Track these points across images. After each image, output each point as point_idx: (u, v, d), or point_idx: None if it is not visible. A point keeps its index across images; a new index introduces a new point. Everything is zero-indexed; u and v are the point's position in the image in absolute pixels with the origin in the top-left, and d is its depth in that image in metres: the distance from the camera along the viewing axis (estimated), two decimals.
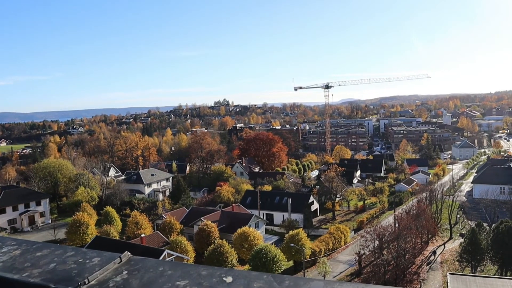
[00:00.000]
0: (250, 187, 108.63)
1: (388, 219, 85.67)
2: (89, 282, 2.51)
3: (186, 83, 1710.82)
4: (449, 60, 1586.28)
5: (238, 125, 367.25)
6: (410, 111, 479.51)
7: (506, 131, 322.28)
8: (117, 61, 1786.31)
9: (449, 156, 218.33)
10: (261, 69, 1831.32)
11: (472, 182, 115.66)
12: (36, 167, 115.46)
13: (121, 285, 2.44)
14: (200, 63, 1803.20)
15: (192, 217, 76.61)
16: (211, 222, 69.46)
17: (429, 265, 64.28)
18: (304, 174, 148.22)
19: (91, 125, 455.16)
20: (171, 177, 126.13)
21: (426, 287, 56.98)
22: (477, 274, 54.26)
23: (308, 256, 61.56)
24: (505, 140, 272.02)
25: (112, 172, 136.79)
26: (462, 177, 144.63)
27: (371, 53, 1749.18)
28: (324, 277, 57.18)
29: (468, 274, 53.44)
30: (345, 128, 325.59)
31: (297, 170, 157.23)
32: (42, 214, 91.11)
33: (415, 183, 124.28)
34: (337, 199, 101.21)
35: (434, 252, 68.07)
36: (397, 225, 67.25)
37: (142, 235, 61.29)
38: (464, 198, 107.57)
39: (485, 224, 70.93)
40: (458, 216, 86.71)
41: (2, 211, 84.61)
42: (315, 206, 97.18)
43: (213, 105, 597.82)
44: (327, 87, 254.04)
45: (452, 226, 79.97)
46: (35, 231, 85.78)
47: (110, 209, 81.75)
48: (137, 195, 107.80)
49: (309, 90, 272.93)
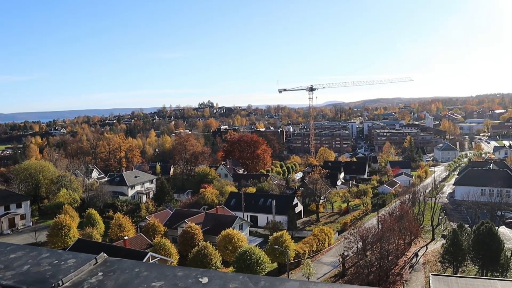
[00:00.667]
0: (234, 189, 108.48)
1: (371, 221, 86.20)
2: (63, 284, 2.44)
3: (171, 85, 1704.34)
4: (431, 64, 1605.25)
5: (223, 127, 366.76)
6: (393, 113, 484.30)
7: (486, 134, 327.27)
8: (100, 62, 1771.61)
9: (431, 159, 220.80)
10: (245, 71, 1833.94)
11: (454, 184, 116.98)
12: (16, 168, 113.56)
13: (96, 286, 2.39)
14: (185, 64, 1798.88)
15: (176, 219, 76.15)
16: (195, 224, 69.14)
17: (412, 267, 64.77)
18: (288, 176, 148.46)
19: (73, 126, 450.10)
20: (154, 179, 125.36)
21: None
22: (458, 275, 54.86)
23: (292, 258, 61.63)
24: (486, 143, 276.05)
25: (95, 174, 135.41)
26: (444, 179, 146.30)
27: (355, 56, 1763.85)
28: (308, 278, 57.28)
29: (450, 274, 54.00)
30: (329, 130, 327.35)
31: (281, 172, 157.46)
32: (22, 217, 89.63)
33: (398, 185, 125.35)
34: (321, 201, 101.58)
35: (416, 254, 68.59)
36: (380, 226, 67.77)
37: (125, 238, 60.85)
38: (446, 199, 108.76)
39: (466, 226, 71.83)
40: (440, 217, 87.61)
41: None
42: (299, 208, 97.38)
43: (197, 106, 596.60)
44: (312, 89, 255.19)
45: (434, 227, 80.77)
46: (15, 234, 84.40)
47: (92, 211, 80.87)
48: (120, 197, 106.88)
49: (294, 92, 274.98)
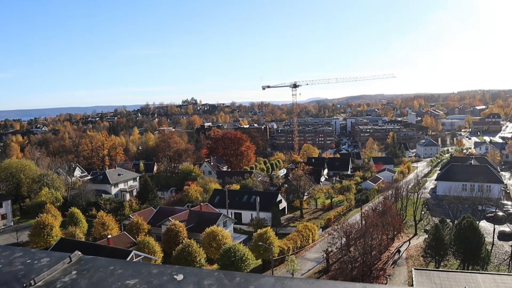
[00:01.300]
0: (218, 186, 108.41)
1: (355, 217, 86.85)
2: (35, 283, 2.38)
3: (154, 82, 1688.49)
4: (414, 61, 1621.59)
5: (206, 124, 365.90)
6: (376, 110, 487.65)
7: (468, 130, 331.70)
8: (82, 59, 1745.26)
9: (414, 154, 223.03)
10: (229, 68, 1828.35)
11: (436, 180, 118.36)
12: None
13: (69, 285, 2.33)
14: (168, 61, 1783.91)
15: (160, 217, 75.92)
16: (179, 221, 69.01)
17: (394, 263, 65.38)
18: (272, 173, 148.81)
19: (55, 124, 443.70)
20: (138, 177, 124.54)
21: (392, 282, 58.03)
22: (440, 269, 55.68)
23: (276, 255, 61.81)
24: (467, 139, 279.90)
25: (77, 172, 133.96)
26: (427, 175, 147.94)
27: (338, 53, 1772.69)
28: (293, 275, 57.51)
29: (432, 269, 54.75)
30: (312, 127, 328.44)
31: (265, 168, 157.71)
32: (3, 216, 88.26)
33: (381, 181, 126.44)
34: (305, 197, 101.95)
35: (399, 251, 69.17)
36: (363, 222, 68.30)
37: (109, 236, 60.46)
38: (428, 195, 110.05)
39: (448, 220, 72.85)
40: (423, 212, 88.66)
41: None
42: (283, 204, 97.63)
43: (181, 104, 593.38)
44: (295, 86, 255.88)
45: (417, 222, 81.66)
46: None
47: (75, 210, 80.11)
48: (103, 195, 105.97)
49: (277, 89, 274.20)
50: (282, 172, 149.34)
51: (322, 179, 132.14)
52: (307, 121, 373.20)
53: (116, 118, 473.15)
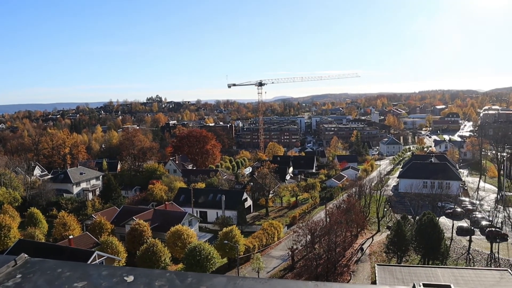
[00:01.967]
0: (183, 185, 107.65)
1: (319, 214, 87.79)
2: None
3: (118, 79, 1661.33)
4: (377, 61, 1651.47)
5: (171, 122, 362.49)
6: (340, 109, 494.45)
7: (428, 129, 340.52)
8: (42, 54, 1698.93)
9: (377, 152, 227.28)
10: (194, 66, 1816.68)
11: (398, 177, 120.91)
12: None
13: None
14: (132, 58, 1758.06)
15: (124, 216, 74.81)
16: (144, 221, 68.12)
17: (357, 261, 66.42)
18: (238, 171, 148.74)
19: (13, 121, 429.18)
20: (101, 176, 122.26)
21: (356, 278, 58.95)
22: (402, 264, 56.96)
23: (242, 253, 61.82)
24: (428, 137, 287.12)
25: (37, 171, 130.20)
26: (389, 172, 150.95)
27: (303, 53, 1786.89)
28: (258, 273, 57.65)
29: (394, 264, 55.98)
30: (278, 125, 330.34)
31: (231, 167, 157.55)
32: None
33: (345, 178, 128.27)
34: (270, 195, 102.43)
35: (362, 248, 70.26)
36: (328, 219, 69.13)
37: (70, 237, 59.15)
38: (390, 192, 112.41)
39: (409, 217, 74.57)
40: (385, 209, 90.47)
41: None
42: (249, 202, 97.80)
43: (145, 101, 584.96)
44: (260, 84, 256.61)
45: (380, 219, 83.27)
46: None
47: (35, 210, 77.93)
48: (64, 195, 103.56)
49: (243, 87, 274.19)
50: (248, 170, 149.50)
51: (287, 177, 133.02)
52: (272, 120, 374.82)
53: (78, 115, 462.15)
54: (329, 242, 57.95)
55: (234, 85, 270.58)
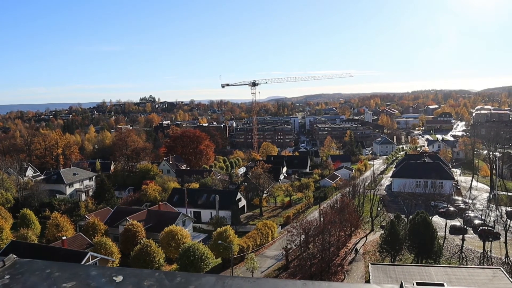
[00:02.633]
0: (177, 185, 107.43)
1: (313, 214, 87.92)
2: None
3: (111, 79, 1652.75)
4: (371, 61, 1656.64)
5: (165, 122, 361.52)
6: (334, 108, 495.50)
7: (421, 128, 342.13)
8: (35, 54, 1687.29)
9: (370, 152, 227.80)
10: (188, 66, 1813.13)
11: (391, 177, 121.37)
12: None
13: None
14: (125, 58, 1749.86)
15: (117, 217, 74.47)
16: (137, 221, 67.91)
17: (352, 262, 66.54)
18: (232, 171, 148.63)
19: (5, 122, 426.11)
20: (94, 176, 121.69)
21: (350, 277, 59.12)
22: (396, 263, 57.16)
23: (236, 253, 61.80)
24: (421, 137, 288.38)
25: (29, 172, 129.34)
26: (382, 172, 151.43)
27: (297, 53, 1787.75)
28: (252, 273, 57.65)
29: (388, 263, 56.21)
30: (271, 125, 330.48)
31: (225, 167, 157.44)
32: None
33: (339, 178, 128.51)
34: (264, 195, 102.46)
35: (356, 250, 70.26)
36: (322, 219, 69.22)
37: (64, 238, 58.86)
38: (384, 191, 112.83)
39: (403, 216, 74.82)
40: (379, 209, 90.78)
41: None
42: (243, 202, 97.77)
43: (138, 101, 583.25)
44: (254, 84, 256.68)
45: (373, 218, 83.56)
46: None
47: (27, 211, 77.34)
48: (57, 195, 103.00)
49: (236, 87, 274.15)
50: (242, 170, 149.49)
51: (281, 177, 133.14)
52: (266, 120, 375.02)
53: (71, 115, 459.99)
54: (323, 242, 58.06)
55: (228, 85, 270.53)
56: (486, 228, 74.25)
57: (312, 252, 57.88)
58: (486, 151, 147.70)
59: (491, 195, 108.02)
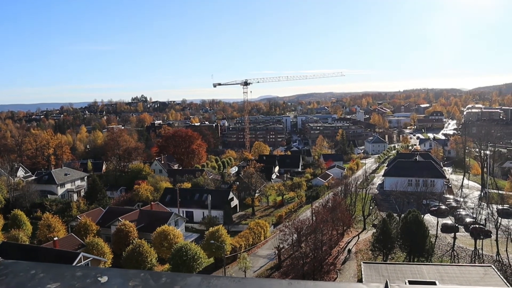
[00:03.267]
0: (169, 185, 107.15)
1: (305, 213, 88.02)
2: None
3: (102, 79, 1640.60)
4: (363, 60, 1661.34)
5: (157, 122, 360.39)
6: (326, 108, 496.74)
7: (413, 127, 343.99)
8: (25, 54, 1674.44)
9: (362, 151, 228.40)
10: (180, 65, 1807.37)
11: (383, 175, 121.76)
12: None
13: None
14: (117, 58, 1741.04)
15: (109, 217, 74.16)
16: (129, 221, 67.71)
17: (344, 262, 66.65)
18: (224, 171, 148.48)
19: None
20: (86, 176, 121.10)
21: (342, 276, 59.28)
22: (388, 262, 57.41)
23: (228, 252, 61.73)
24: (412, 135, 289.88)
25: (20, 173, 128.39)
26: (374, 171, 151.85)
27: (289, 52, 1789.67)
28: (245, 272, 57.64)
29: (380, 262, 56.37)
30: (263, 124, 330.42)
31: (217, 166, 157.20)
32: None
33: (331, 177, 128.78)
34: (257, 194, 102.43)
35: (349, 250, 70.26)
36: (314, 218, 69.35)
37: (55, 238, 58.51)
38: (376, 190, 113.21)
39: (395, 215, 75.11)
40: (371, 207, 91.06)
41: None
42: (235, 202, 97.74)
43: (130, 101, 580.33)
44: (246, 84, 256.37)
45: (366, 217, 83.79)
46: None
47: (18, 212, 76.89)
48: (49, 196, 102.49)
49: (228, 86, 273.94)
50: (234, 170, 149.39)
51: (273, 176, 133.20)
52: (258, 119, 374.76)
53: (62, 115, 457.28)
54: (316, 241, 58.18)
55: (220, 84, 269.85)
56: (477, 226, 74.70)
57: (305, 251, 57.97)
58: (477, 150, 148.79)
59: (482, 193, 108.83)
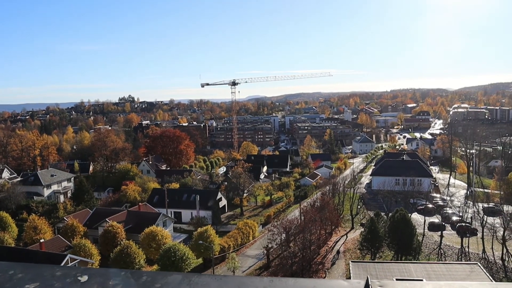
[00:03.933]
0: (157, 185, 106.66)
1: (294, 213, 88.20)
2: None
3: (89, 79, 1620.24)
4: (350, 60, 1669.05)
5: (144, 122, 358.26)
6: (314, 107, 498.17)
7: (400, 127, 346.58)
8: (10, 54, 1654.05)
9: (350, 151, 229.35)
10: (167, 65, 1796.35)
11: (371, 175, 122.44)
12: None
13: None
14: (103, 58, 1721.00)
15: (97, 218, 73.68)
16: (117, 223, 67.35)
17: (333, 263, 66.82)
18: (212, 171, 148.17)
19: None
20: (73, 177, 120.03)
21: (331, 275, 59.49)
22: (376, 260, 57.75)
23: (217, 253, 61.69)
24: (400, 135, 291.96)
25: (5, 174, 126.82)
26: (362, 170, 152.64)
27: (277, 52, 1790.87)
28: (234, 272, 57.61)
29: (368, 261, 56.69)
30: (251, 124, 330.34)
31: (205, 167, 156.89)
32: None
33: (319, 177, 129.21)
34: (245, 194, 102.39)
35: (338, 251, 70.30)
36: (302, 218, 69.54)
37: (42, 240, 57.91)
38: (364, 189, 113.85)
39: (382, 214, 75.67)
40: (359, 207, 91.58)
41: None
42: (223, 202, 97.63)
43: (117, 101, 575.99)
44: (234, 84, 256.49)
45: (354, 216, 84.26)
46: None
47: (3, 214, 75.83)
48: (35, 197, 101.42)
49: (216, 87, 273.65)
50: (222, 170, 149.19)
51: (262, 176, 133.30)
52: (246, 119, 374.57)
53: (48, 116, 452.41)
54: (304, 240, 58.34)
55: (208, 84, 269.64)
56: (463, 224, 75.59)
57: (293, 250, 58.14)
58: (463, 149, 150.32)
59: (468, 192, 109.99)
